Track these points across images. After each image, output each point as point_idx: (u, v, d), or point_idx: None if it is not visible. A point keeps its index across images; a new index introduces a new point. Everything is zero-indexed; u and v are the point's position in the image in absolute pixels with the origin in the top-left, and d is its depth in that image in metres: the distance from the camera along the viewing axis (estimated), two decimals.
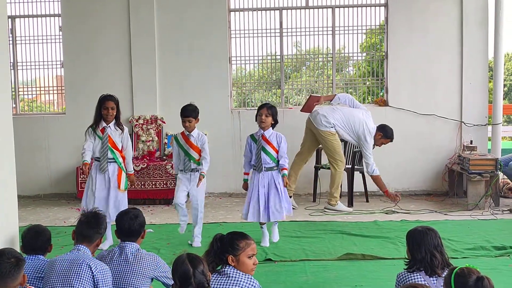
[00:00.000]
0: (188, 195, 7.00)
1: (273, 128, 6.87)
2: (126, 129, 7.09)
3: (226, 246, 3.79)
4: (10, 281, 3.49)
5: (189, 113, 6.86)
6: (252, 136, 6.94)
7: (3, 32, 4.69)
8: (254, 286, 3.74)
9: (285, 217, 6.97)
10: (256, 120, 6.89)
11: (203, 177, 6.86)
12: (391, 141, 8.81)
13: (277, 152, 6.80)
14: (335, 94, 9.11)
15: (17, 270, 3.52)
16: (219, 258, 3.78)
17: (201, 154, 6.92)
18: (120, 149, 6.95)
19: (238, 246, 3.79)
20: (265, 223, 6.93)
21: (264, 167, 6.78)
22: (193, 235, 7.01)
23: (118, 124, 6.98)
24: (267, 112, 6.75)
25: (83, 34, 10.05)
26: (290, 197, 8.23)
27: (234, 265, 3.77)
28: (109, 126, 6.90)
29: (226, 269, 3.74)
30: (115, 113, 6.90)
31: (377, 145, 8.76)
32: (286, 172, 6.86)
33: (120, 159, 6.93)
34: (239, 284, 3.68)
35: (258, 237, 7.10)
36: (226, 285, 3.67)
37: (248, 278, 3.75)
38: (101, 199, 6.84)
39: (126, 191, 7.04)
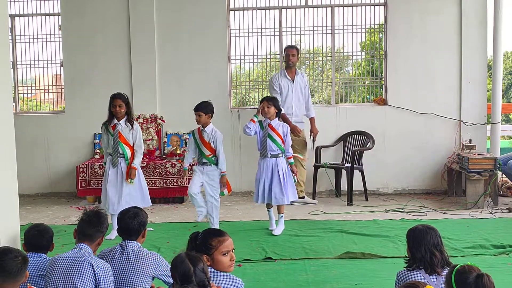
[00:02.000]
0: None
1: (278, 117, 7.43)
2: (136, 125, 7.44)
3: (200, 246, 3.75)
4: (19, 279, 3.57)
5: (199, 107, 7.25)
6: (260, 122, 7.45)
7: (4, 31, 4.71)
8: (237, 286, 3.73)
9: (287, 202, 7.39)
10: (261, 114, 7.40)
11: (225, 176, 7.33)
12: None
13: (283, 140, 7.29)
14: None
15: (25, 268, 3.60)
16: None
17: (211, 151, 7.26)
18: (131, 145, 7.32)
19: (210, 245, 3.74)
20: (271, 207, 7.45)
21: (269, 153, 7.29)
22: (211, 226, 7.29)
23: (129, 120, 7.33)
24: (268, 104, 7.32)
25: (83, 32, 10.04)
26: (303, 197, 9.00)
27: (210, 264, 3.71)
28: (120, 123, 7.26)
29: None
30: (123, 110, 7.25)
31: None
32: (292, 160, 7.43)
33: (129, 155, 7.31)
34: (222, 286, 3.68)
35: (261, 235, 7.29)
36: None
37: (230, 279, 3.72)
38: (114, 192, 7.26)
39: (146, 187, 7.52)
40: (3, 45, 4.65)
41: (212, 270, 3.71)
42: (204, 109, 7.23)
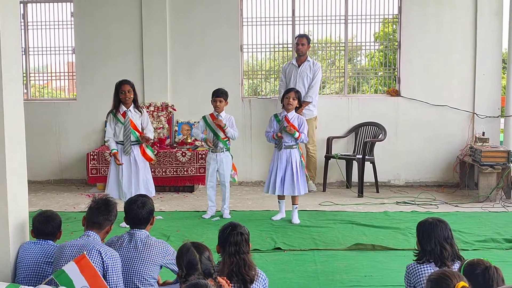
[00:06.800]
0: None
1: (296, 111, 7.47)
2: (144, 111, 7.56)
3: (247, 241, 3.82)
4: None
5: (220, 94, 7.63)
6: (276, 115, 7.56)
7: (15, 17, 4.68)
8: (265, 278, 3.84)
9: (299, 193, 7.41)
10: (281, 102, 7.55)
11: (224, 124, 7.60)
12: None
13: (298, 132, 7.36)
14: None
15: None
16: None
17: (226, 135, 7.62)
18: (140, 131, 7.40)
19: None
20: (283, 198, 7.53)
21: (284, 145, 7.40)
22: (222, 209, 7.76)
23: (137, 107, 7.40)
24: (294, 96, 7.41)
25: (95, 20, 10.02)
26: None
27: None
28: (130, 110, 7.31)
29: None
30: (132, 96, 7.30)
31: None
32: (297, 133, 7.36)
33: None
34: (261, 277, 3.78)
35: (271, 225, 7.32)
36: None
37: (261, 273, 3.81)
38: (129, 180, 7.34)
39: (149, 169, 7.59)
40: (14, 32, 4.61)
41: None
42: (224, 95, 7.63)
